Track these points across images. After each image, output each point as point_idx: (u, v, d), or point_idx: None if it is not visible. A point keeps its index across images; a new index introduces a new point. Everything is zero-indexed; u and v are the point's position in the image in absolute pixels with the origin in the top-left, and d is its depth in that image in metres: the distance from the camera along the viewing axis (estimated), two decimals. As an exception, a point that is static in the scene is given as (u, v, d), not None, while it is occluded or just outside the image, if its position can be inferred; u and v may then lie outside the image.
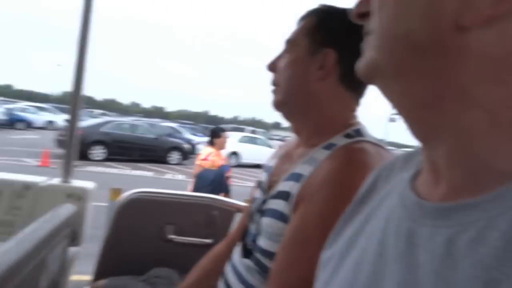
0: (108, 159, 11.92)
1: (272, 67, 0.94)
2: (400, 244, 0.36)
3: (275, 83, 0.93)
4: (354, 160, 0.76)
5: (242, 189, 6.25)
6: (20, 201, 1.38)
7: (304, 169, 0.82)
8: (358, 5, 0.42)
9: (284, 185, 0.84)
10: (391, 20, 0.35)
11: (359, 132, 0.84)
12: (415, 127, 0.38)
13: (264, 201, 0.89)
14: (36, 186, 1.42)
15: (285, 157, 0.97)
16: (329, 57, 0.85)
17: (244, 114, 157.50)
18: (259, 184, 0.99)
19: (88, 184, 1.49)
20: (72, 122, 1.48)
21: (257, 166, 17.61)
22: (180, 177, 10.92)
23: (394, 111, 0.40)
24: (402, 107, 0.38)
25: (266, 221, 0.84)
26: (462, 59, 0.31)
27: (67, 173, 1.48)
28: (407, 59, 0.35)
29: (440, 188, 0.36)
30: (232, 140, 16.91)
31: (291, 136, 1.05)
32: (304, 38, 0.88)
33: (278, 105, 0.92)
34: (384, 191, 0.48)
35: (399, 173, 0.47)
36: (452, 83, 0.32)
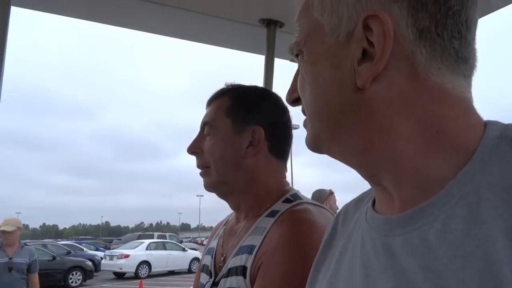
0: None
1: (195, 150, 0.94)
2: (381, 258, 0.41)
3: (203, 165, 0.93)
4: (302, 220, 0.79)
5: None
6: None
7: (253, 240, 0.82)
8: (289, 94, 0.52)
9: (235, 261, 0.83)
10: (312, 99, 0.46)
11: (296, 196, 0.89)
12: (363, 170, 0.46)
13: (214, 284, 0.88)
14: None
15: (228, 234, 0.95)
16: (257, 133, 0.89)
17: (148, 220, 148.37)
18: (203, 268, 0.97)
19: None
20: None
21: (172, 272, 16.35)
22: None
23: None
24: (346, 159, 0.47)
25: None
26: (372, 109, 0.41)
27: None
28: (333, 122, 0.44)
29: (396, 205, 0.42)
30: (140, 250, 15.76)
31: (201, 237, 1.05)
32: (225, 119, 0.90)
33: (214, 185, 0.92)
34: (348, 229, 0.52)
35: (355, 213, 0.53)
36: (374, 127, 0.41)
